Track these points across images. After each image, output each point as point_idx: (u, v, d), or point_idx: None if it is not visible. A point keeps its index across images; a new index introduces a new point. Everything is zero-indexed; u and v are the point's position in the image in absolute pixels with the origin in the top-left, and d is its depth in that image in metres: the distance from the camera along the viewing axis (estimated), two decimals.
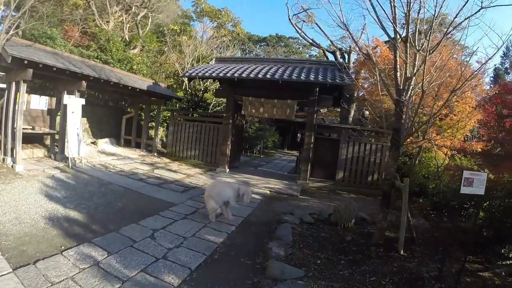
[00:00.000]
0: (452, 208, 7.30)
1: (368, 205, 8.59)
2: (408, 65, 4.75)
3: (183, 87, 17.32)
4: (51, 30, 12.85)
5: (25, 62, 7.29)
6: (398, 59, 4.93)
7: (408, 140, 9.20)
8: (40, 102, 9.71)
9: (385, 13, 4.67)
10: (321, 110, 18.26)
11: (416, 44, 4.67)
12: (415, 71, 4.74)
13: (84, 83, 9.17)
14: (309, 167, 10.54)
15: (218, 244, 4.75)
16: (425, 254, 5.00)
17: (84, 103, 9.37)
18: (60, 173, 7.82)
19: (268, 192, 9.02)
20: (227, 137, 11.49)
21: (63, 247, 4.09)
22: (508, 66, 28.67)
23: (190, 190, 7.97)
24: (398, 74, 4.95)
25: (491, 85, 15.42)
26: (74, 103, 8.95)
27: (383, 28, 4.91)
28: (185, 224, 5.45)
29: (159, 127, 15.41)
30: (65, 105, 8.84)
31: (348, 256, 4.65)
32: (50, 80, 10.11)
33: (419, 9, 4.77)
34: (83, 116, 12.39)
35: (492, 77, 23.70)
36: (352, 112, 15.91)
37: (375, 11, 4.83)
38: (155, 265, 3.88)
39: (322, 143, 10.84)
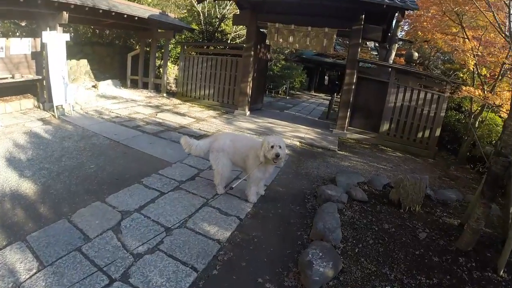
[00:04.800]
0: None
1: (421, 170, 6.62)
2: None
3: (198, 20, 14.76)
4: None
5: None
6: None
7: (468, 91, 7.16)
8: (22, 45, 7.59)
9: None
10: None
11: None
12: None
13: (65, 14, 7.09)
14: (348, 113, 8.39)
15: (221, 244, 2.94)
16: None
17: (68, 39, 7.34)
18: (40, 126, 6.08)
19: (298, 143, 7.09)
20: (248, 73, 9.32)
21: None
22: None
23: None
24: None
25: None
26: (55, 40, 6.93)
27: None
28: (176, 200, 3.65)
29: (170, 64, 13.39)
30: (45, 44, 6.87)
31: (432, 279, 2.75)
32: (32, 19, 8.22)
33: None
34: (83, 57, 10.70)
35: None
36: (393, 54, 13.00)
37: None
38: None
39: (366, 86, 8.51)
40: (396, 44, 13.03)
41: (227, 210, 3.52)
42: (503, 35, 5.85)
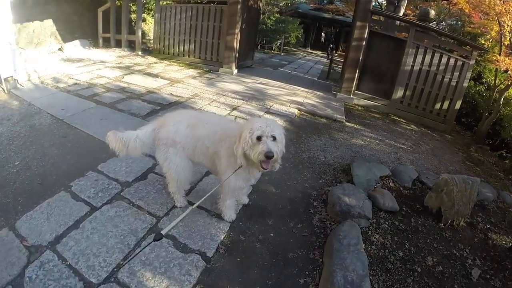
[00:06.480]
0: None
1: (442, 150, 5.41)
2: None
3: None
4: None
5: None
6: None
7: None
8: None
9: None
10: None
11: None
12: None
13: None
14: (356, 75, 6.97)
15: None
16: None
17: None
18: None
19: (296, 111, 5.75)
20: (235, 24, 7.69)
21: None
22: None
23: (161, 112, 4.73)
24: None
25: None
26: None
27: None
28: (111, 221, 2.31)
29: (149, 17, 11.69)
30: None
31: None
32: None
33: None
34: (47, 17, 8.85)
35: None
36: (402, 11, 11.18)
37: None
38: None
39: (379, 43, 7.01)
40: (406, 1, 11.24)
41: (186, 239, 2.20)
42: None
